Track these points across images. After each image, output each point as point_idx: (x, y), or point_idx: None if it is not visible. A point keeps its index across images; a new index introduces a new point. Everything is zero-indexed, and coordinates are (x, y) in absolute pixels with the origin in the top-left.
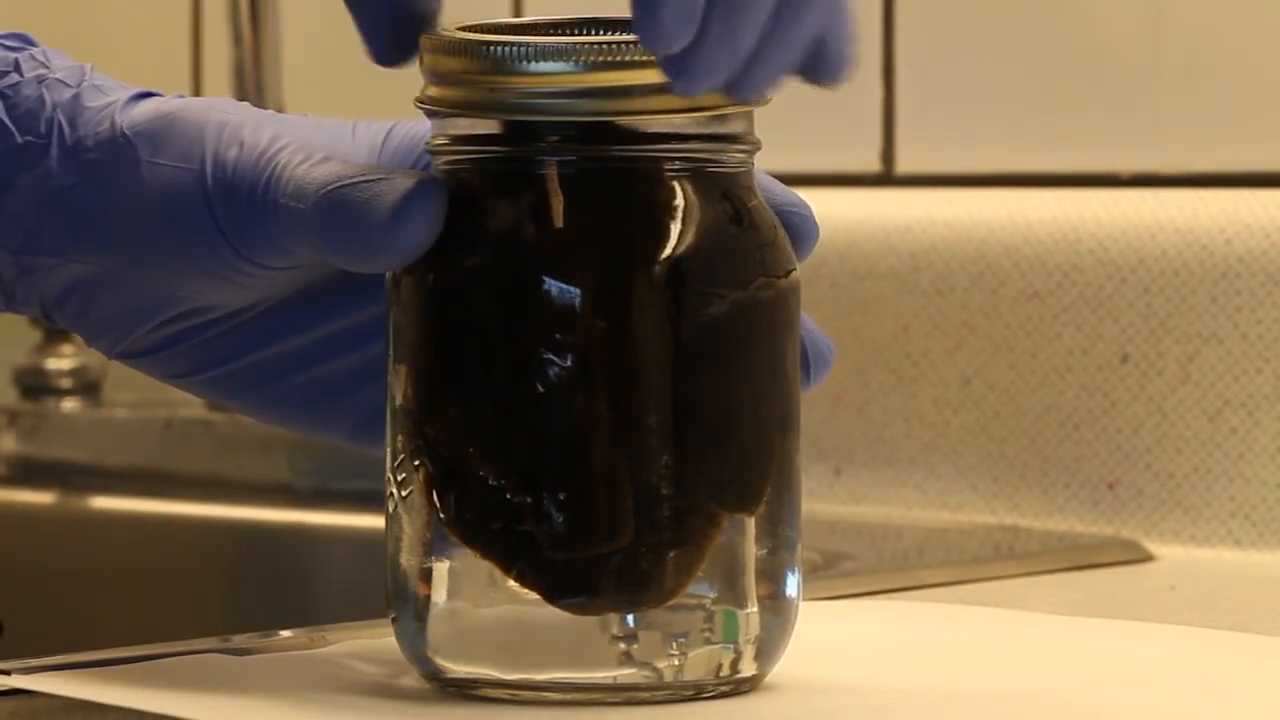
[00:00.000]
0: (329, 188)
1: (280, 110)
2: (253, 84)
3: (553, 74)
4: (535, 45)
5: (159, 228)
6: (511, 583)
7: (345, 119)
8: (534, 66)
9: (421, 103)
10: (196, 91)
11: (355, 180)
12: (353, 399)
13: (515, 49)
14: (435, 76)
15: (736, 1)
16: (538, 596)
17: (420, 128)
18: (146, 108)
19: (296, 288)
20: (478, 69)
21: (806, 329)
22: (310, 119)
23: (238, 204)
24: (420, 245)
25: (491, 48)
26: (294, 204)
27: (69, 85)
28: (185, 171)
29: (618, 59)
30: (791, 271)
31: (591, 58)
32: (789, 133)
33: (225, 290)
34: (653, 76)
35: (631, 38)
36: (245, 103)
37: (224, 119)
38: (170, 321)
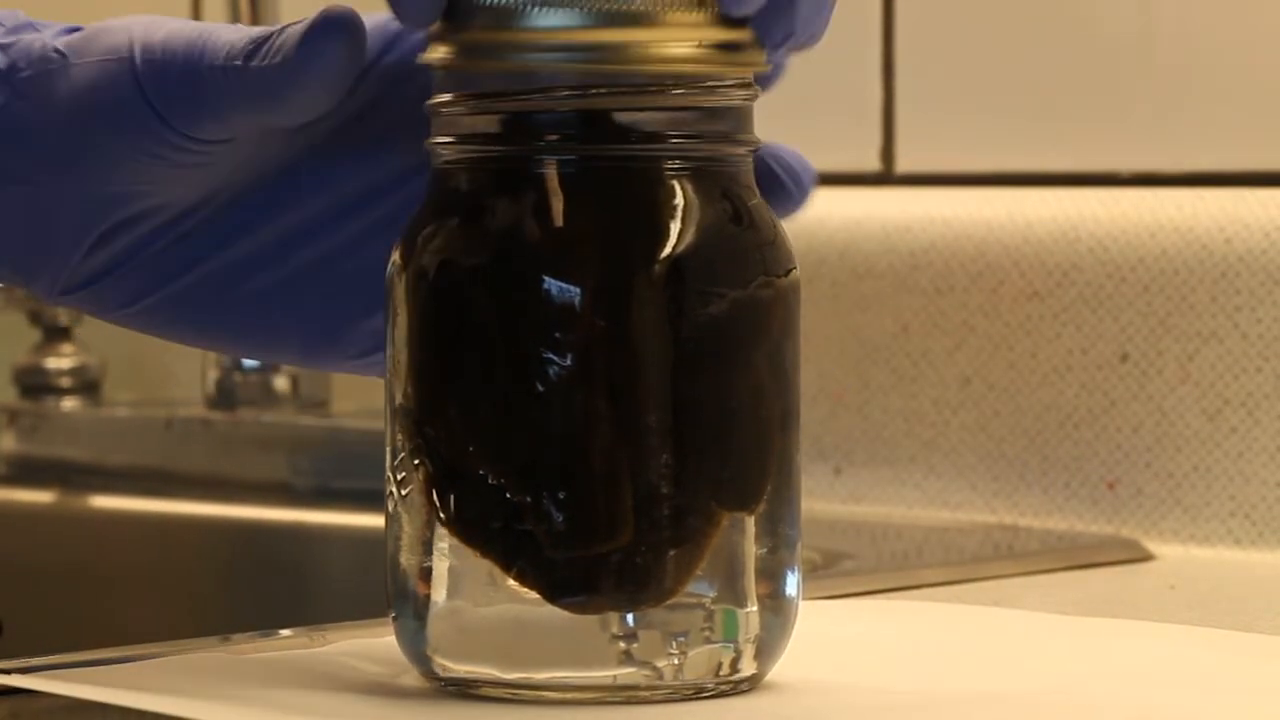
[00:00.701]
0: (254, 40)
1: None
2: None
3: (561, 28)
4: None
5: (91, 119)
6: (511, 582)
7: None
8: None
9: (429, 63)
10: None
11: (277, 28)
12: (303, 309)
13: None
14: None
15: None
16: (538, 595)
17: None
18: (78, 32)
19: (239, 181)
20: (483, 24)
21: (771, 151)
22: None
23: (169, 79)
24: (337, 73)
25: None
26: (222, 64)
27: (2, 24)
28: (113, 62)
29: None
30: (791, 271)
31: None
32: (789, 132)
33: (164, 178)
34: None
35: None
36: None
37: (151, 18)
38: (111, 235)
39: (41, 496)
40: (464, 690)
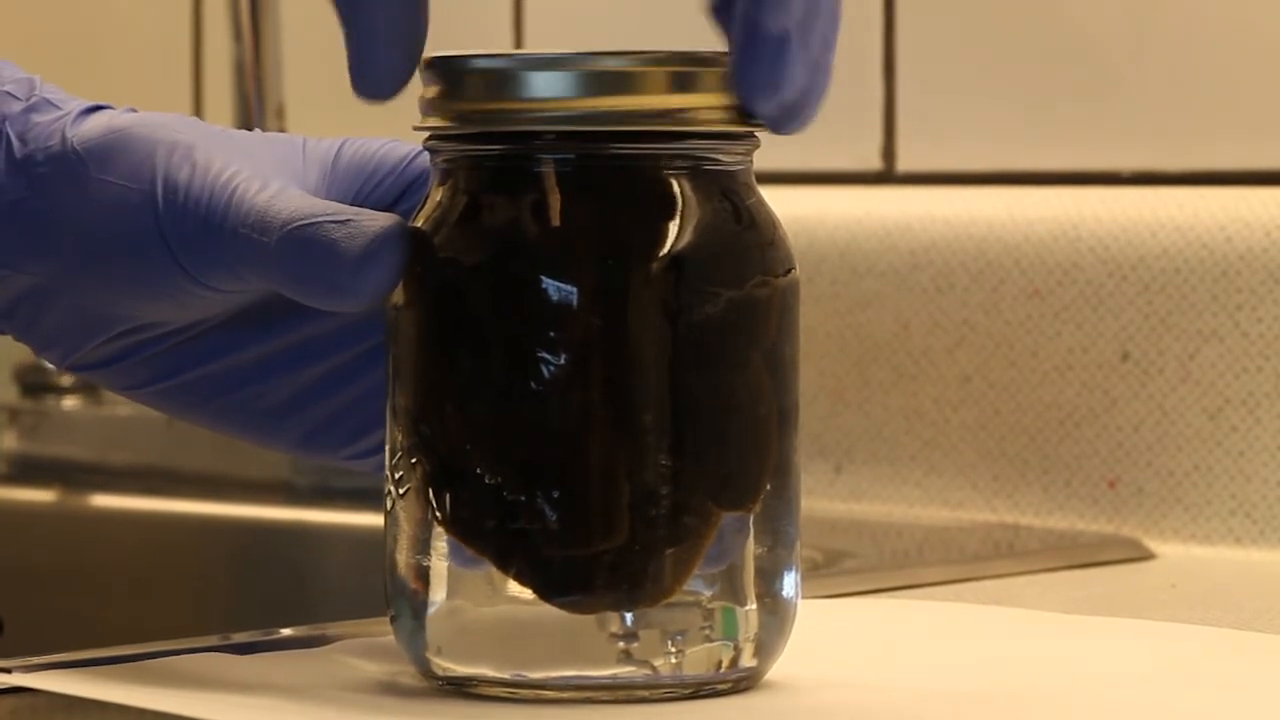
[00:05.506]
0: (295, 224)
1: (281, 108)
2: (252, 82)
3: (553, 95)
4: (536, 58)
5: (107, 244)
6: (509, 581)
7: (296, 135)
8: (534, 82)
9: (422, 129)
10: (197, 87)
11: (321, 220)
12: (302, 411)
13: (515, 63)
14: (431, 105)
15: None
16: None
17: (371, 144)
18: (98, 122)
19: (244, 306)
20: (474, 92)
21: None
22: (259, 135)
23: (190, 227)
24: (386, 290)
25: (486, 66)
26: (255, 235)
27: (19, 98)
28: (134, 191)
29: (616, 70)
30: (790, 270)
31: (592, 69)
32: None
33: (172, 308)
34: (652, 100)
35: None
36: (196, 119)
37: (175, 139)
38: (120, 336)
39: (42, 495)
40: (463, 689)
